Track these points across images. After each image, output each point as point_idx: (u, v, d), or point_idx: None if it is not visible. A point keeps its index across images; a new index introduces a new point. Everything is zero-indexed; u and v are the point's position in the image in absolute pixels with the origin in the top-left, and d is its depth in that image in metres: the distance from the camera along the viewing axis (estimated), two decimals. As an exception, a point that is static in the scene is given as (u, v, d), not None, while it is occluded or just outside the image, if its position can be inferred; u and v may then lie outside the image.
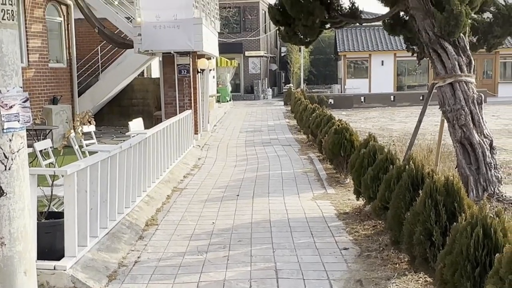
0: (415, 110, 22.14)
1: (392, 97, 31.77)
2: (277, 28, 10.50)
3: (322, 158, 12.63)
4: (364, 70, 36.96)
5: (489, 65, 36.40)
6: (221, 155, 14.35)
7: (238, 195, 9.43)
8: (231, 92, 34.87)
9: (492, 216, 3.92)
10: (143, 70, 21.10)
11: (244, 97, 38.66)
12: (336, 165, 10.63)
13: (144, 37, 14.28)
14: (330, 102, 30.48)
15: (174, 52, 14.79)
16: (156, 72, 22.54)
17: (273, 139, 17.42)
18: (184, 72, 14.97)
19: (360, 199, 7.79)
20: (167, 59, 15.13)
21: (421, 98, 28.12)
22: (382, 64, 36.00)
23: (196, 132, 15.69)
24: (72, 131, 8.53)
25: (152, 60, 18.90)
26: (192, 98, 15.25)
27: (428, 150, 11.27)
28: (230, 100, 33.42)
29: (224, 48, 33.79)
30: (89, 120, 8.37)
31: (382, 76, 35.57)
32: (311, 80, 46.16)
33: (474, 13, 8.92)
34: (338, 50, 36.93)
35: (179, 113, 14.11)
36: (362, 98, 31.56)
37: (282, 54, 47.74)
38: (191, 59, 15.10)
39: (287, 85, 39.46)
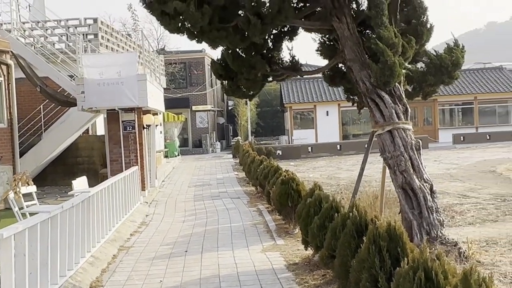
0: (361, 158, 22.58)
1: (338, 146, 32.40)
2: (221, 82, 10.64)
3: (271, 209, 12.63)
4: (310, 121, 37.72)
5: (429, 112, 37.87)
6: (170, 211, 14.14)
7: (186, 251, 9.26)
8: (179, 146, 34.76)
9: (433, 259, 3.99)
10: (88, 127, 20.82)
11: (193, 151, 38.59)
12: (284, 215, 10.64)
13: (87, 95, 14.17)
14: (279, 153, 30.79)
15: (119, 108, 14.71)
16: (101, 129, 22.27)
17: (222, 192, 17.35)
18: (130, 128, 14.87)
19: (309, 248, 7.79)
20: (112, 115, 15.01)
21: (366, 146, 28.80)
22: (327, 114, 36.87)
23: (143, 188, 15.47)
24: (11, 192, 8.25)
25: (97, 117, 18.71)
26: (139, 154, 15.10)
27: (374, 197, 11.46)
28: (178, 155, 33.27)
29: (171, 103, 33.91)
30: (27, 181, 8.11)
31: (328, 126, 36.38)
32: (259, 132, 46.65)
33: (408, 63, 9.33)
34: (284, 102, 37.66)
35: (125, 169, 13.90)
36: (310, 148, 32.06)
37: (229, 108, 48.24)
38: (136, 115, 15.04)
39: (235, 138, 39.72)
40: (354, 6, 9.23)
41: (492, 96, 37.07)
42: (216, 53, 9.77)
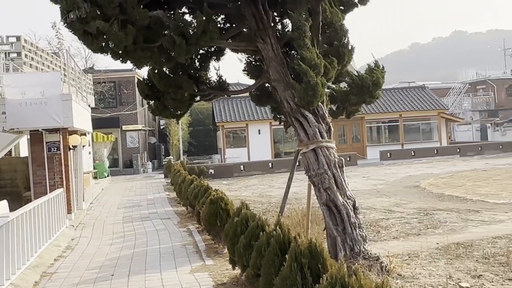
0: (294, 176, 22.92)
1: (270, 164, 32.72)
2: (148, 102, 10.55)
3: (201, 229, 12.55)
4: (243, 139, 37.93)
5: (357, 130, 38.98)
6: (97, 234, 13.76)
7: (113, 275, 9.03)
8: (109, 167, 33.98)
9: (351, 274, 4.09)
10: (11, 149, 19.98)
11: (123, 171, 37.82)
12: (214, 235, 10.60)
13: (9, 115, 13.63)
14: (211, 172, 30.73)
15: (43, 129, 14.24)
16: (25, 151, 21.46)
17: (152, 213, 17.08)
18: (54, 149, 14.40)
19: (236, 268, 7.79)
20: (35, 136, 14.51)
21: (298, 164, 29.26)
22: (259, 133, 37.20)
23: (69, 211, 14.98)
24: None
25: (20, 138, 18.01)
26: (64, 176, 14.64)
27: (303, 214, 11.62)
28: (108, 176, 32.50)
29: (100, 123, 33.18)
30: None
31: (260, 144, 36.68)
32: (191, 151, 46.36)
33: (332, 83, 9.62)
34: (216, 121, 37.72)
35: (50, 192, 13.43)
36: (242, 167, 32.18)
37: (161, 127, 47.73)
38: (61, 136, 14.60)
39: (167, 157, 39.29)
40: (280, 27, 9.46)
41: (416, 114, 38.65)
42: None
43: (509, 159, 31.55)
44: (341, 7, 9.15)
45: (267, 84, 9.70)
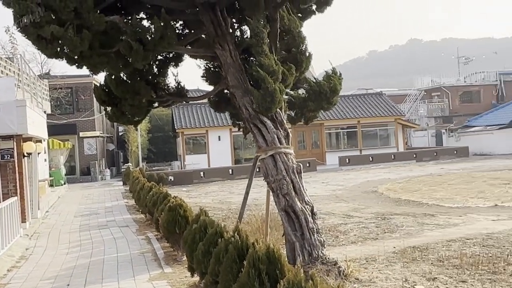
0: (253, 182, 22.96)
1: (230, 170, 32.68)
2: (105, 108, 10.38)
3: (160, 237, 12.42)
4: (203, 146, 37.79)
5: (316, 136, 39.37)
6: (52, 243, 13.45)
7: (68, 285, 8.85)
8: (65, 175, 33.29)
9: (307, 279, 4.12)
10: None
11: (81, 179, 37.10)
12: (172, 242, 10.51)
13: (-41, 122, 13.22)
14: (171, 179, 30.47)
15: (-4, 136, 13.86)
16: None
17: (110, 221, 16.80)
18: (8, 157, 14.02)
19: (195, 275, 7.73)
20: (-12, 143, 14.09)
21: (257, 170, 29.36)
22: (219, 139, 37.14)
23: (23, 220, 14.59)
24: None
25: (-28, 145, 17.47)
26: (18, 184, 14.26)
27: (262, 220, 11.64)
28: (65, 183, 31.83)
29: (57, 130, 32.47)
30: None
31: (220, 150, 36.62)
32: (150, 158, 45.92)
33: (290, 90, 9.70)
34: (176, 127, 37.47)
35: (3, 201, 13.05)
36: (202, 173, 32.04)
37: (120, 134, 47.11)
38: (15, 143, 14.23)
39: (125, 164, 38.77)
40: (238, 34, 9.48)
41: (373, 120, 39.32)
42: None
43: (463, 164, 32.42)
44: (299, 14, 9.25)
45: (226, 91, 9.70)
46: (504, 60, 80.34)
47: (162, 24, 7.71)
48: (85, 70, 8.67)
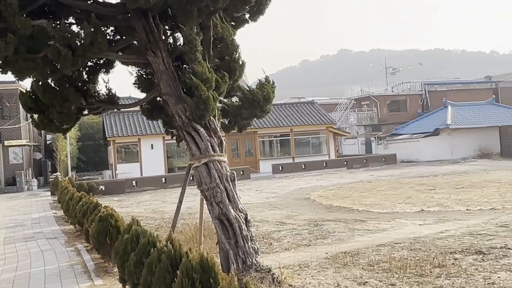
0: (187, 191, 22.74)
1: (163, 179, 32.28)
2: (31, 116, 9.99)
3: (90, 248, 12.06)
4: (135, 154, 37.17)
5: (250, 144, 39.58)
6: (-26, 257, 12.76)
7: (-9, 301, 8.41)
8: (-11, 185, 31.81)
9: (242, 287, 4.10)
10: None
11: (6, 190, 35.52)
12: (103, 253, 10.23)
13: None
14: (102, 189, 29.73)
15: None
16: None
17: (37, 233, 16.15)
18: None
19: (127, 286, 7.54)
20: None
21: (191, 178, 29.12)
22: (152, 148, 36.65)
23: None
24: None
25: None
26: None
27: (196, 229, 11.55)
28: (-12, 194, 30.39)
29: (-21, 138, 31.00)
30: None
31: (153, 159, 36.13)
32: (80, 167, 44.65)
33: (224, 98, 9.69)
34: (107, 136, 36.65)
35: None
36: (134, 182, 31.47)
37: (48, 142, 45.51)
38: None
39: (54, 174, 37.48)
40: (171, 41, 9.39)
41: (306, 128, 40.01)
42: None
43: (391, 171, 33.52)
44: (232, 23, 9.28)
45: (158, 98, 9.57)
46: (429, 71, 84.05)
47: (92, 29, 7.52)
48: (10, 76, 8.32)
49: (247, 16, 9.18)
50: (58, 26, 7.61)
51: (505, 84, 55.13)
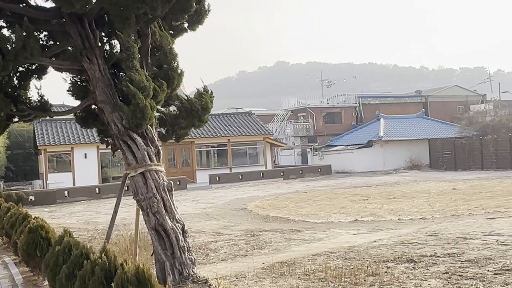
0: (122, 201, 22.26)
1: (97, 189, 31.51)
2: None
3: (19, 261, 11.56)
4: (68, 164, 36.11)
5: (187, 154, 39.30)
6: None
7: None
8: None
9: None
10: None
11: None
12: (33, 266, 9.83)
13: None
14: (31, 199, 28.71)
15: None
16: None
17: (-39, 245, 15.32)
18: None
19: (58, 301, 7.27)
20: None
21: (126, 188, 28.57)
22: (86, 157, 35.74)
23: None
24: None
25: None
26: None
27: (131, 240, 11.31)
28: None
29: None
30: None
31: (86, 169, 35.22)
32: (9, 176, 42.80)
33: (161, 107, 9.58)
34: (38, 144, 35.44)
35: None
36: (66, 193, 30.56)
37: (-26, 150, 43.46)
38: None
39: (-20, 183, 35.81)
40: (108, 47, 9.21)
41: (243, 139, 40.16)
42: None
43: (326, 181, 34.15)
44: (170, 31, 9.21)
45: (94, 106, 9.35)
46: (363, 84, 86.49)
47: (24, 33, 7.26)
48: None
49: (186, 25, 9.15)
50: (-13, 29, 7.32)
51: (434, 99, 57.49)
